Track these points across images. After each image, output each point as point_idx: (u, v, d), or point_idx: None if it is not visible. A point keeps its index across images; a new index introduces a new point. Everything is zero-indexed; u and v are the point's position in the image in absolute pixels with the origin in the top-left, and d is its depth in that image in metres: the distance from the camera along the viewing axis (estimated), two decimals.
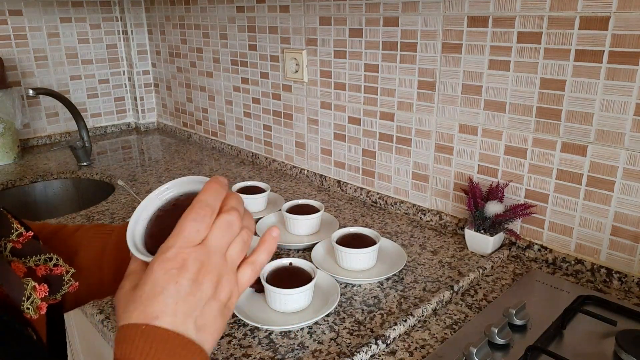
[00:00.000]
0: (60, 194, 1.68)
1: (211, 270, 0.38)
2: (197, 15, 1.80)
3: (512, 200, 1.03)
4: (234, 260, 0.40)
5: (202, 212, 0.39)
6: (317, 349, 0.76)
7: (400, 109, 1.20)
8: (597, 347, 0.74)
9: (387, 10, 1.16)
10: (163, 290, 0.37)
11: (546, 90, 0.94)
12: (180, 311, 0.37)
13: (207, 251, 0.39)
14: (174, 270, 0.37)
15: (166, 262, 0.38)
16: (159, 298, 0.37)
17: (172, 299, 0.37)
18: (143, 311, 0.36)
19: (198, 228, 0.39)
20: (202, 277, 0.38)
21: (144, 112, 2.22)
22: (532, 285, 0.92)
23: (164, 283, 0.37)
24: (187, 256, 0.38)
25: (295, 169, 1.55)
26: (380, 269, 0.97)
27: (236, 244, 0.40)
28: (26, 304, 0.39)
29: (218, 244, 0.39)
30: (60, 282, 0.45)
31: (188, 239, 0.38)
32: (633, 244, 0.89)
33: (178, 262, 0.37)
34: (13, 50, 1.88)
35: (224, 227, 0.40)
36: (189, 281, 0.37)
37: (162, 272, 0.37)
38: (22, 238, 0.44)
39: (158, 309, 0.36)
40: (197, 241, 0.39)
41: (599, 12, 0.84)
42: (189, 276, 0.37)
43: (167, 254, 0.38)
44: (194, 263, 0.38)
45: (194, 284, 0.37)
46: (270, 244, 0.43)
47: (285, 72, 1.48)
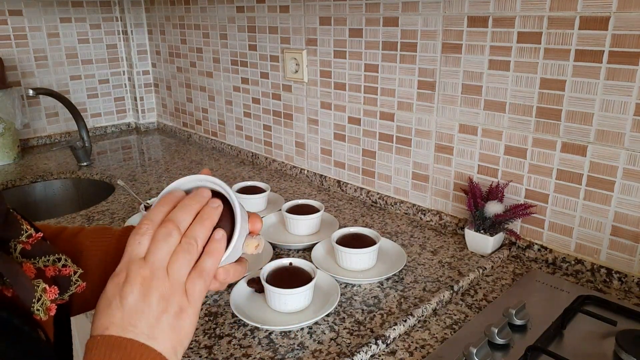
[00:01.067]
0: (60, 194, 1.68)
1: (154, 285, 0.40)
2: (197, 15, 1.80)
3: (512, 200, 1.03)
4: (178, 273, 0.41)
5: (143, 226, 0.41)
6: (317, 349, 0.76)
7: (400, 109, 1.20)
8: (597, 347, 0.74)
9: (387, 10, 1.16)
10: (110, 303, 0.39)
11: (546, 90, 0.94)
12: (127, 322, 0.39)
13: (149, 265, 0.40)
14: (119, 286, 0.40)
15: (115, 276, 0.40)
16: (107, 311, 0.39)
17: (119, 311, 0.39)
18: (97, 323, 0.39)
19: (140, 240, 0.41)
20: (146, 290, 0.39)
21: (144, 112, 2.22)
22: (532, 285, 0.92)
23: (111, 296, 0.39)
24: (129, 270, 0.40)
25: (295, 169, 1.55)
26: (380, 269, 0.97)
27: (177, 256, 0.41)
28: (36, 305, 0.39)
29: (157, 257, 0.40)
30: (68, 283, 0.45)
31: (132, 253, 0.41)
32: (633, 244, 0.89)
33: (122, 277, 0.40)
34: (13, 50, 1.88)
35: (161, 239, 0.41)
36: (132, 293, 0.39)
37: (111, 286, 0.40)
38: (32, 239, 0.44)
39: (107, 321, 0.39)
40: (140, 254, 0.40)
41: (599, 12, 0.84)
42: (131, 289, 0.39)
43: (117, 269, 0.41)
44: (136, 277, 0.39)
45: (139, 297, 0.39)
46: (214, 247, 0.43)
47: (285, 72, 1.48)
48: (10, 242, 0.43)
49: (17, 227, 0.44)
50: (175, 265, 0.41)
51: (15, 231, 0.43)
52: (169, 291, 0.40)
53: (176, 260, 0.41)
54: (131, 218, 1.22)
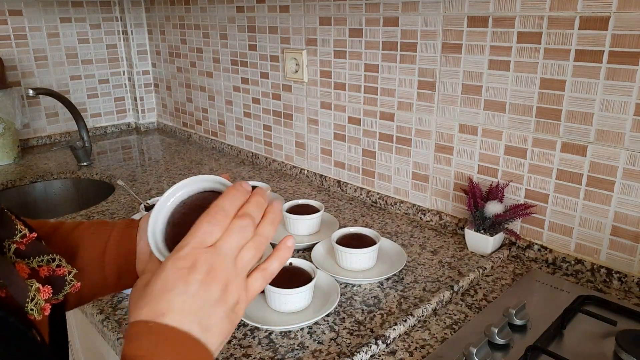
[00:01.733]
0: (60, 194, 1.68)
1: (220, 274, 0.39)
2: (197, 15, 1.80)
3: (512, 200, 1.03)
4: (245, 266, 0.41)
5: (217, 216, 0.40)
6: (317, 349, 0.76)
7: (400, 109, 1.20)
8: (597, 347, 0.74)
9: (387, 10, 1.16)
10: (172, 288, 0.38)
11: (546, 90, 0.94)
12: (187, 310, 0.37)
13: (218, 254, 0.39)
14: (184, 270, 0.38)
15: (178, 260, 0.39)
16: (168, 295, 0.37)
17: (180, 297, 0.37)
18: (152, 308, 0.37)
19: (211, 230, 0.40)
20: (211, 279, 0.39)
21: (144, 112, 2.22)
22: (532, 285, 0.92)
23: (174, 281, 0.38)
24: (198, 257, 0.39)
25: (295, 169, 1.55)
26: (380, 269, 0.97)
27: (247, 250, 0.41)
28: (30, 305, 0.39)
29: (229, 248, 0.40)
30: (63, 283, 0.45)
31: (201, 240, 0.39)
32: (633, 244, 0.89)
33: (189, 262, 0.38)
34: (13, 50, 1.88)
35: (236, 232, 0.40)
36: (197, 281, 0.38)
37: (173, 271, 0.38)
38: (26, 239, 0.44)
39: (166, 306, 0.37)
40: (209, 243, 0.39)
41: (599, 12, 0.84)
42: (198, 277, 0.38)
43: (180, 253, 0.39)
44: (204, 264, 0.38)
45: (202, 285, 0.38)
46: (284, 253, 0.44)
47: (285, 72, 1.48)
48: (4, 242, 0.42)
49: (11, 227, 0.43)
50: (245, 258, 0.41)
51: (9, 231, 0.43)
52: (233, 282, 0.40)
53: (246, 254, 0.41)
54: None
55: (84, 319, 1.02)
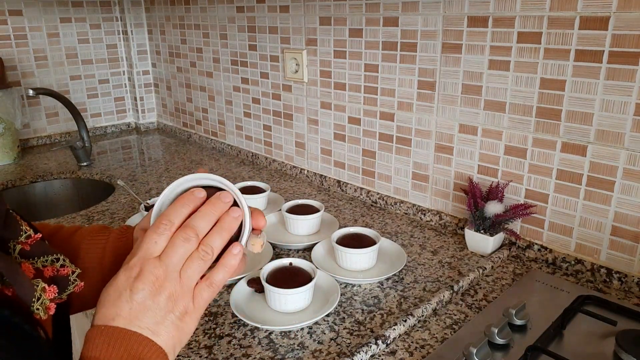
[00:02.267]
0: (60, 194, 1.68)
1: (165, 284, 0.41)
2: (197, 15, 1.80)
3: (512, 200, 1.03)
4: (189, 277, 0.42)
5: (162, 227, 0.42)
6: (317, 349, 0.76)
7: (400, 109, 1.20)
8: (597, 347, 0.74)
9: (387, 10, 1.16)
10: (120, 295, 0.41)
11: (546, 90, 0.94)
12: (134, 315, 0.40)
13: (163, 265, 0.41)
14: (131, 279, 0.41)
15: (127, 269, 0.41)
16: (117, 302, 0.41)
17: (128, 304, 0.40)
18: (103, 313, 0.41)
19: (156, 240, 0.42)
20: (156, 289, 0.41)
21: (144, 112, 2.22)
22: (532, 285, 0.92)
23: (122, 288, 0.41)
24: (144, 267, 0.41)
25: (295, 169, 1.55)
26: (380, 269, 0.97)
27: (192, 262, 0.42)
28: (36, 304, 0.40)
29: (173, 259, 0.42)
30: (67, 282, 0.45)
31: (147, 250, 0.42)
32: (633, 244, 0.89)
33: (136, 271, 0.41)
34: (13, 50, 1.88)
35: (178, 243, 0.42)
36: (143, 290, 0.41)
37: (123, 279, 0.41)
38: (31, 240, 0.44)
39: (114, 312, 0.40)
40: (155, 253, 0.42)
41: (599, 12, 0.84)
42: (143, 286, 0.41)
43: (130, 262, 0.42)
44: (150, 274, 0.41)
45: (148, 294, 0.41)
46: (229, 261, 0.44)
47: (285, 72, 1.48)
48: (10, 243, 0.43)
49: (17, 228, 0.44)
50: (189, 270, 0.42)
51: (14, 232, 0.43)
52: (178, 293, 0.42)
53: (190, 266, 0.42)
54: (131, 218, 1.22)
55: (84, 319, 1.02)
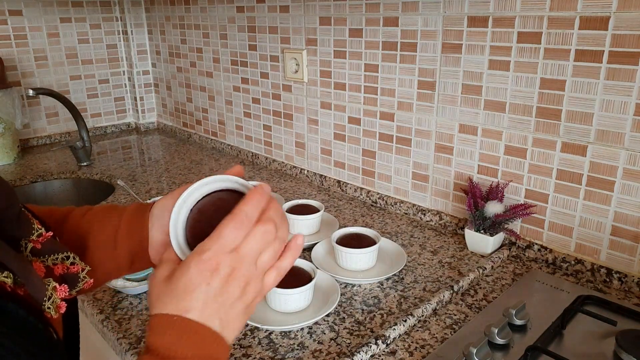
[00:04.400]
0: (60, 194, 1.68)
1: (241, 276, 0.42)
2: (197, 15, 1.80)
3: (512, 200, 1.03)
4: (264, 266, 0.44)
5: (241, 222, 0.42)
6: (317, 349, 0.76)
7: (400, 109, 1.20)
8: (597, 347, 0.74)
9: (387, 10, 1.16)
10: (195, 288, 0.41)
11: (546, 90, 0.94)
12: (208, 308, 0.41)
13: (240, 258, 0.42)
14: (207, 272, 0.41)
15: (202, 263, 0.41)
16: (192, 295, 0.40)
17: (203, 297, 0.41)
18: (176, 304, 0.40)
19: (235, 236, 0.42)
20: (232, 280, 0.42)
21: (144, 112, 2.22)
22: (532, 285, 0.92)
23: (197, 282, 0.41)
24: (221, 261, 0.41)
25: (295, 169, 1.55)
26: (380, 269, 0.97)
27: (267, 252, 0.44)
28: (47, 303, 0.40)
29: (251, 252, 0.43)
30: (76, 280, 0.46)
31: (224, 244, 0.42)
32: (633, 244, 0.89)
33: (212, 265, 0.41)
34: (13, 50, 1.88)
35: (259, 237, 0.43)
36: (219, 284, 0.41)
37: (196, 272, 0.41)
38: (42, 238, 0.45)
39: (189, 305, 0.40)
40: (232, 247, 0.42)
41: (599, 12, 0.84)
42: (219, 279, 0.41)
43: (203, 256, 0.41)
44: (226, 268, 0.41)
45: (223, 287, 0.41)
46: (295, 251, 0.47)
47: (285, 72, 1.48)
48: (21, 241, 0.43)
49: (29, 227, 0.44)
50: (264, 260, 0.44)
51: (26, 230, 0.44)
52: (252, 282, 0.43)
53: (265, 256, 0.44)
54: None
55: (84, 319, 1.02)
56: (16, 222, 0.43)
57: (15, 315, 0.36)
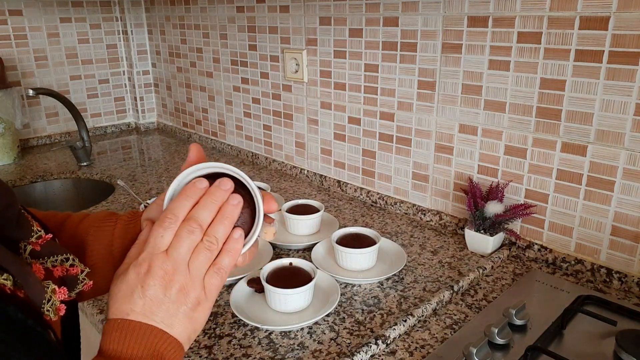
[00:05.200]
0: (60, 194, 1.68)
1: (175, 278, 0.42)
2: (197, 15, 1.80)
3: (512, 200, 1.03)
4: (198, 269, 0.43)
5: (167, 221, 0.43)
6: (317, 349, 0.76)
7: (400, 109, 1.20)
8: (597, 347, 0.74)
9: (387, 10, 1.16)
10: (132, 291, 0.42)
11: (546, 90, 0.94)
12: (148, 310, 0.42)
13: (171, 259, 0.42)
14: (141, 275, 0.42)
15: (137, 266, 0.42)
16: (130, 298, 0.42)
17: (140, 300, 0.42)
18: (117, 309, 0.42)
19: (162, 234, 0.42)
20: (166, 283, 0.42)
21: (144, 112, 2.22)
22: (532, 285, 0.92)
23: (134, 284, 0.42)
24: (153, 262, 0.42)
25: (295, 169, 1.55)
26: (380, 269, 0.97)
27: (198, 253, 0.43)
28: (47, 306, 0.40)
29: (180, 252, 0.43)
30: (76, 282, 0.46)
31: (154, 246, 0.43)
32: (633, 244, 0.89)
33: (145, 267, 0.42)
34: (13, 50, 1.88)
35: (183, 238, 0.43)
36: (153, 286, 0.42)
37: (133, 275, 0.42)
38: (41, 240, 0.45)
39: (129, 308, 0.41)
40: (162, 248, 0.43)
41: (599, 12, 0.84)
42: (153, 281, 0.42)
43: (138, 258, 0.43)
44: (159, 269, 0.42)
45: (159, 289, 0.42)
46: (232, 246, 0.45)
47: (285, 72, 1.48)
48: (20, 243, 0.43)
49: (28, 229, 0.44)
50: (196, 261, 0.43)
51: (26, 232, 0.44)
52: (189, 285, 0.43)
53: (197, 257, 0.43)
54: None
55: (84, 319, 1.02)
56: (15, 223, 0.43)
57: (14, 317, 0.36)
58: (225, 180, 0.46)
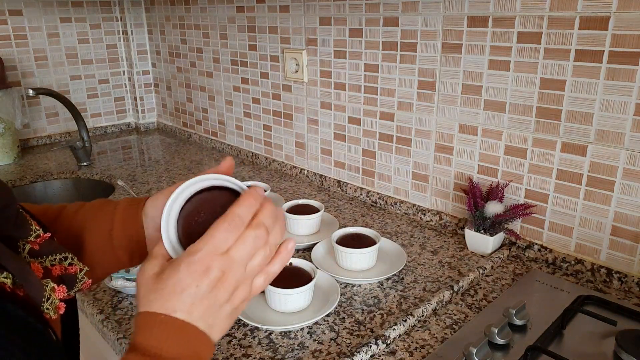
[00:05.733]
0: (60, 194, 1.68)
1: (231, 279, 0.42)
2: (197, 15, 1.80)
3: (512, 200, 1.03)
4: (254, 271, 0.44)
5: (234, 224, 0.42)
6: (317, 349, 0.76)
7: (400, 109, 1.20)
8: (597, 347, 0.74)
9: (387, 10, 1.16)
10: (185, 289, 0.40)
11: (546, 90, 0.94)
12: (196, 310, 0.40)
13: (231, 262, 0.42)
14: (197, 274, 0.40)
15: (192, 264, 0.41)
16: (180, 296, 0.40)
17: (191, 298, 0.40)
18: (163, 304, 0.40)
19: (227, 238, 0.42)
20: (222, 283, 0.41)
21: (144, 112, 2.22)
22: (532, 285, 0.92)
23: (187, 283, 0.40)
24: (212, 263, 0.41)
25: (295, 169, 1.55)
26: (380, 269, 0.97)
27: (258, 257, 0.43)
28: (46, 304, 0.40)
29: (242, 255, 0.42)
30: (74, 280, 0.46)
31: (216, 247, 0.41)
32: (633, 244, 0.89)
33: (202, 267, 0.40)
34: (13, 50, 1.88)
35: (250, 242, 0.42)
36: (208, 286, 0.41)
37: (186, 273, 0.40)
38: (40, 239, 0.45)
39: (176, 305, 0.40)
40: (223, 250, 0.41)
41: (599, 12, 0.84)
42: (209, 282, 0.41)
43: (194, 257, 0.41)
44: (216, 270, 0.41)
45: (212, 289, 0.41)
46: (285, 256, 0.46)
47: (285, 72, 1.48)
48: (19, 242, 0.43)
49: (27, 228, 0.44)
50: (255, 264, 0.43)
51: (24, 231, 0.44)
52: (240, 287, 0.43)
53: (255, 261, 0.43)
54: None
55: (84, 319, 1.02)
56: (14, 222, 0.43)
57: (14, 316, 0.37)
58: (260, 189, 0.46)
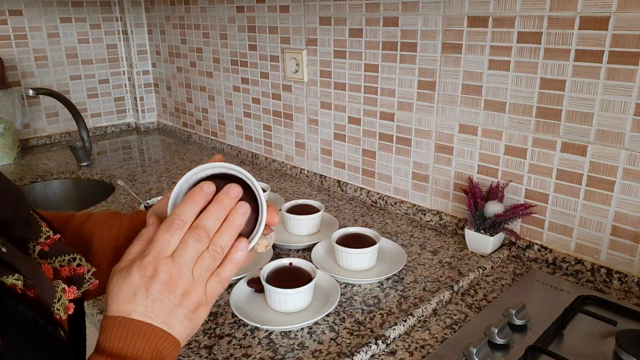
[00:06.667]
0: (60, 194, 1.68)
1: (179, 283, 0.44)
2: (197, 15, 1.80)
3: (512, 200, 1.03)
4: (202, 274, 0.45)
5: (174, 226, 0.44)
6: (317, 349, 0.76)
7: (400, 109, 1.20)
8: (597, 347, 0.74)
9: (387, 10, 1.16)
10: (136, 293, 0.43)
11: (546, 90, 0.94)
12: (150, 311, 0.43)
13: (176, 265, 0.43)
14: (146, 278, 0.43)
15: (142, 267, 0.43)
16: (133, 299, 0.43)
17: (143, 301, 0.43)
18: (118, 308, 0.43)
19: (169, 240, 0.43)
20: (170, 287, 0.43)
21: (144, 112, 2.22)
22: (532, 285, 0.92)
23: (138, 286, 0.43)
24: (158, 266, 0.43)
25: (295, 169, 1.55)
26: (380, 269, 0.97)
27: (203, 260, 0.44)
28: (57, 305, 0.41)
29: (185, 260, 0.44)
30: (82, 281, 0.47)
31: (160, 249, 0.43)
32: (633, 244, 0.89)
33: (150, 270, 0.43)
34: (13, 50, 1.88)
35: (190, 244, 0.44)
36: (157, 290, 0.43)
37: (138, 276, 0.43)
38: (50, 240, 0.45)
39: (131, 308, 0.43)
40: (168, 252, 0.44)
41: (599, 12, 0.84)
42: (157, 285, 0.43)
43: (144, 261, 0.43)
44: (163, 274, 0.43)
45: (162, 292, 0.43)
46: (236, 257, 0.46)
47: (285, 72, 1.48)
48: (29, 244, 0.44)
49: (37, 229, 0.45)
50: (200, 268, 0.44)
51: (35, 233, 0.44)
52: (192, 290, 0.44)
53: (201, 264, 0.45)
54: None
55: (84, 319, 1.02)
56: (25, 224, 0.43)
57: (24, 317, 0.37)
58: (234, 186, 0.46)
